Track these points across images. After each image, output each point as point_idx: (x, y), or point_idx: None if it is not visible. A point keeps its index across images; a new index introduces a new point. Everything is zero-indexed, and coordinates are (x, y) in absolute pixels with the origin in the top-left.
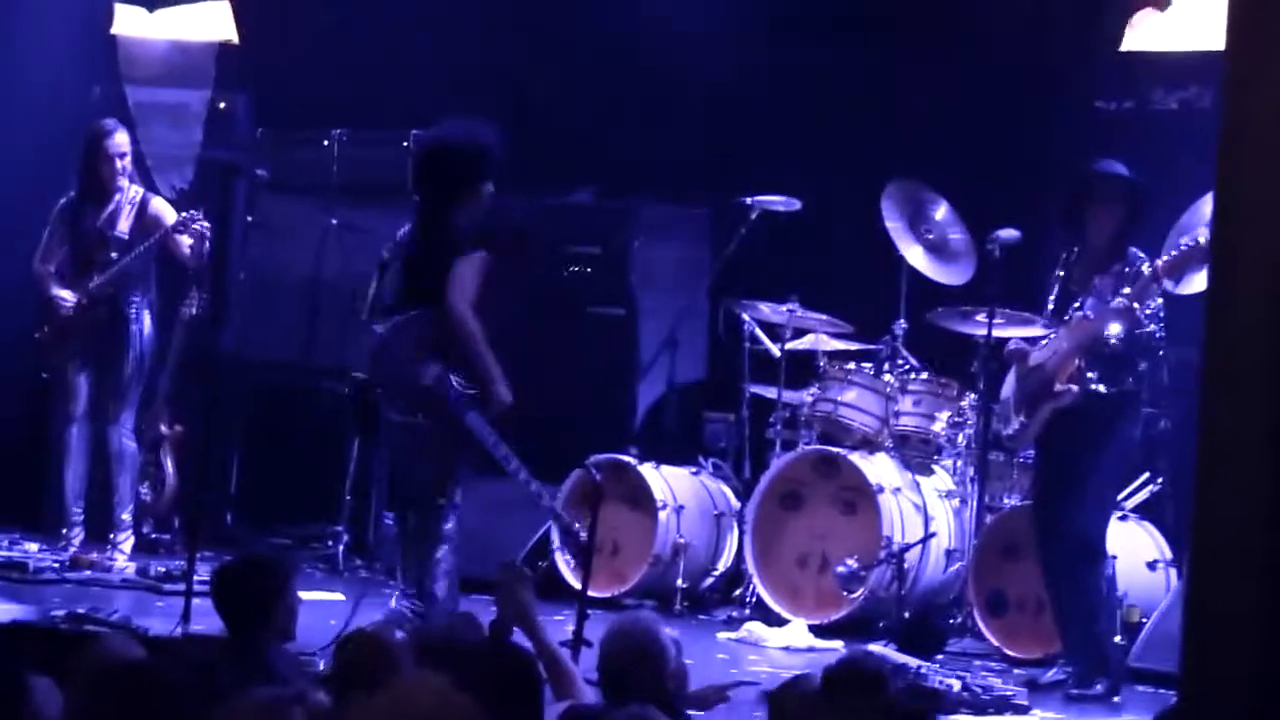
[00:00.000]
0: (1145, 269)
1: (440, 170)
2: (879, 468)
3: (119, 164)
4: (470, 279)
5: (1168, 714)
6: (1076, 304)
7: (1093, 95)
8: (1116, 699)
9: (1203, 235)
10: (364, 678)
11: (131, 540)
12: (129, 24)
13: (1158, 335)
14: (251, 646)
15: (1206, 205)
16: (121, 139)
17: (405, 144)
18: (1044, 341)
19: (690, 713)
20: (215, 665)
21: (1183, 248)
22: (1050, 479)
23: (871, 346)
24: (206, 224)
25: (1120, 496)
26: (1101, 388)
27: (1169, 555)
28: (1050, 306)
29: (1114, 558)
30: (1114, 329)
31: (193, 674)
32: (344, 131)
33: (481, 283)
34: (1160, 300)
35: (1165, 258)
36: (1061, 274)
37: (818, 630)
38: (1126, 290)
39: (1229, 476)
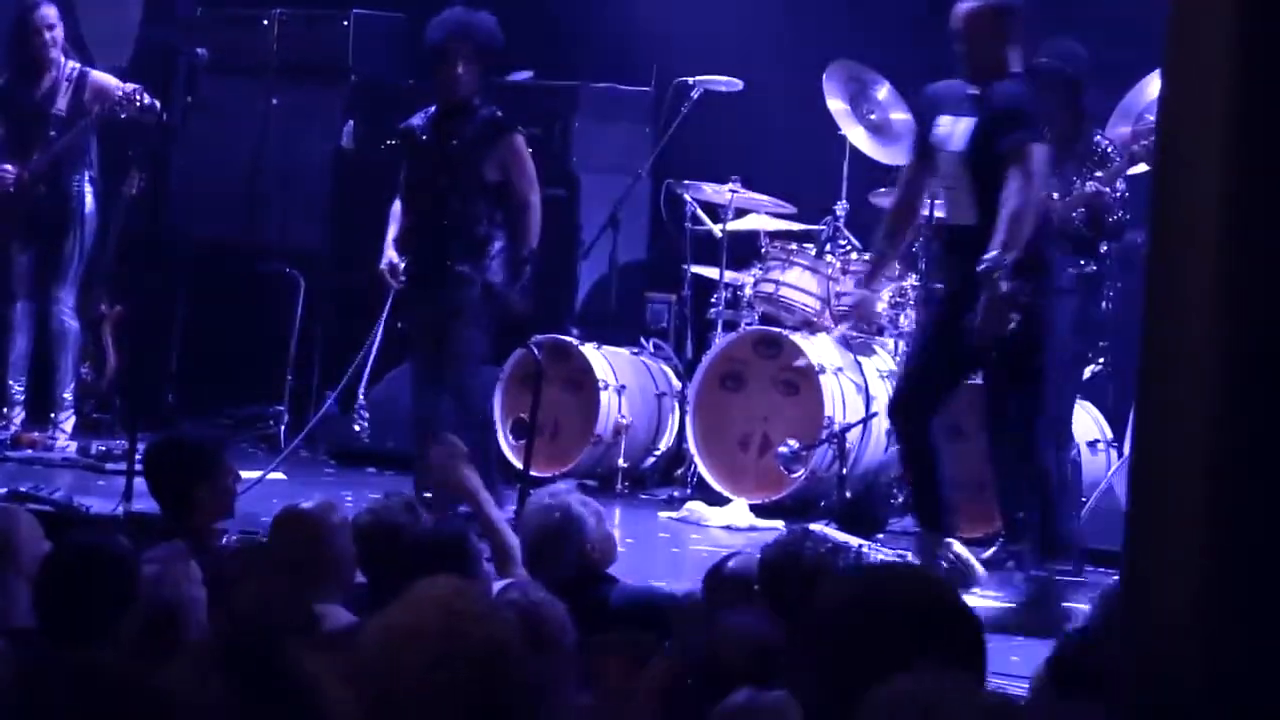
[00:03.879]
0: (1110, 151)
1: None
2: (820, 348)
3: (48, 35)
4: None
5: (1110, 592)
6: None
7: None
8: (1080, 578)
9: None
10: (300, 555)
11: (73, 419)
12: None
13: (1123, 217)
14: (181, 526)
15: (1151, 84)
16: (49, 11)
17: (345, 23)
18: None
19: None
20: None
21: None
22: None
23: (813, 227)
24: (149, 99)
25: None
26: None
27: (1110, 435)
28: None
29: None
30: (1079, 211)
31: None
32: (283, 10)
33: None
34: (1124, 186)
35: (1143, 144)
36: None
37: (759, 510)
38: (1099, 174)
39: (1174, 368)
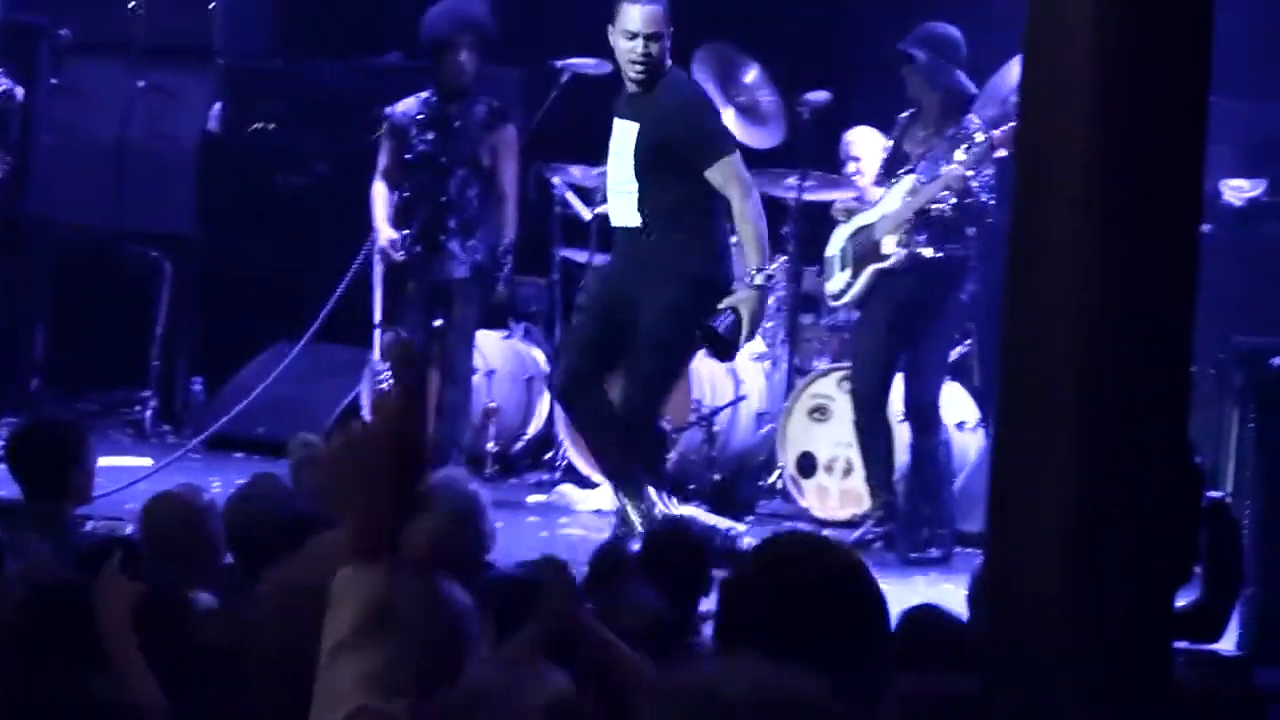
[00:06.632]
0: (979, 136)
1: None
2: None
3: None
4: None
5: (976, 573)
6: (908, 167)
7: None
8: (950, 561)
9: None
10: (171, 540)
11: None
12: None
13: (989, 203)
14: (48, 510)
15: (1014, 67)
16: None
17: (211, 5)
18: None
19: None
20: None
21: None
22: (875, 344)
23: None
24: (5, 81)
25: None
26: (929, 252)
27: (978, 416)
28: (881, 168)
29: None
30: (945, 194)
31: None
32: None
33: None
34: (992, 170)
35: (1003, 130)
36: (896, 135)
37: None
38: (960, 156)
39: (1037, 341)
